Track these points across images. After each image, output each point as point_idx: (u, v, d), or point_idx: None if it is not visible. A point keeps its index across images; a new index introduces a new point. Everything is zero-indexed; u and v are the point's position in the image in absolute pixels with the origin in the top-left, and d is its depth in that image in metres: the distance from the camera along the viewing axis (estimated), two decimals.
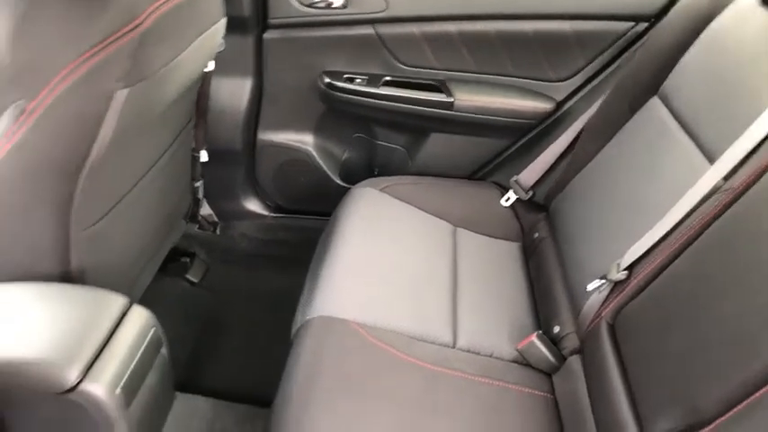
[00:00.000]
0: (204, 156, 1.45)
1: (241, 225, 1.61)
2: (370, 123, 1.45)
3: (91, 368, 0.78)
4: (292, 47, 1.34)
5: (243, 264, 1.63)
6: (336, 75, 1.34)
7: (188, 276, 1.54)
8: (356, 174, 1.50)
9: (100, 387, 0.77)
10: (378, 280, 1.09)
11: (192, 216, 1.51)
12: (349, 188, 1.31)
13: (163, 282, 1.52)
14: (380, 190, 1.30)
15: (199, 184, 1.50)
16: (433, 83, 1.33)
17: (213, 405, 1.25)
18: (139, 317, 0.88)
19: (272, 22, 1.32)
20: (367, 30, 1.28)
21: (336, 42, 1.32)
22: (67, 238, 0.89)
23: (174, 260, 1.55)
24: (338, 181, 1.50)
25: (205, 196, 1.54)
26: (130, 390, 0.84)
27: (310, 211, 1.56)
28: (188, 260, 1.57)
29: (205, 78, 1.18)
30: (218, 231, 1.60)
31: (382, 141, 1.48)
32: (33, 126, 0.78)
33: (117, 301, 0.87)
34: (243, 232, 1.62)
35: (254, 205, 1.59)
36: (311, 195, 1.54)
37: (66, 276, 0.93)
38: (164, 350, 0.94)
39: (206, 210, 1.56)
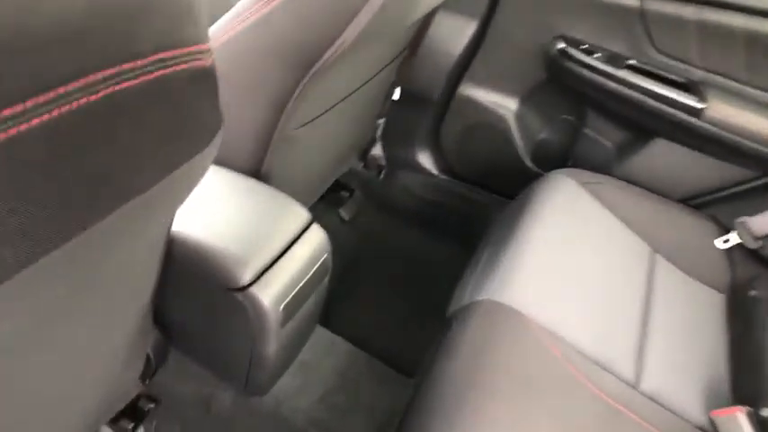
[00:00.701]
0: (396, 93, 1.36)
1: (407, 177, 1.52)
2: (585, 107, 1.28)
3: (264, 274, 0.72)
4: None
5: (398, 217, 1.55)
6: (573, 42, 1.17)
7: (340, 211, 1.49)
8: (547, 159, 1.34)
9: (268, 296, 0.71)
10: (564, 282, 0.95)
11: (363, 152, 1.45)
12: (538, 173, 1.16)
13: (315, 209, 1.48)
14: (581, 184, 1.14)
15: (380, 121, 1.42)
16: (681, 80, 1.12)
17: (348, 350, 1.19)
18: (317, 237, 0.82)
19: None
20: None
21: (585, 5, 1.15)
22: (270, 136, 0.84)
23: (333, 191, 1.50)
24: (528, 162, 1.35)
25: (381, 136, 1.46)
26: (290, 310, 0.77)
27: (487, 186, 1.43)
28: (347, 195, 1.51)
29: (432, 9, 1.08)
30: (381, 176, 1.52)
31: (590, 131, 1.30)
32: (283, 4, 0.71)
33: (301, 215, 0.81)
34: (407, 185, 1.53)
35: (427, 161, 1.48)
36: (494, 169, 1.40)
37: (255, 174, 0.88)
38: (326, 279, 0.87)
39: (377, 150, 1.49)
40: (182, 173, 0.36)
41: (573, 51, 1.17)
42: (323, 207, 1.49)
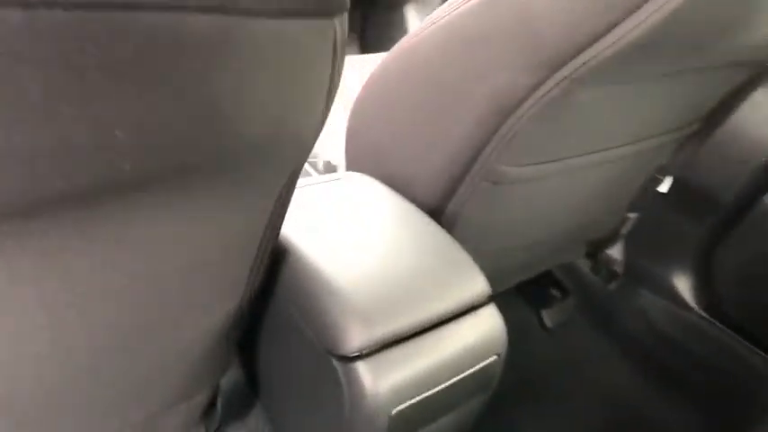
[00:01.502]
0: (666, 183, 1.00)
1: (647, 299, 1.11)
2: None
3: (387, 349, 0.46)
4: None
5: (618, 346, 1.14)
6: None
7: (543, 314, 1.15)
8: None
9: (377, 383, 0.44)
10: None
11: (595, 247, 1.10)
12: None
13: (508, 298, 1.17)
14: None
15: (632, 215, 1.07)
16: None
17: None
18: (489, 325, 0.53)
19: None
20: None
21: None
22: (470, 163, 0.59)
23: (540, 284, 1.17)
24: None
25: (627, 235, 1.10)
26: (412, 420, 0.49)
27: None
28: (557, 295, 1.16)
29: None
30: (611, 286, 1.15)
31: None
32: None
33: (476, 286, 0.53)
34: (644, 310, 1.12)
35: (685, 287, 1.06)
36: None
37: (435, 215, 0.64)
38: (487, 392, 0.57)
39: (615, 251, 1.12)
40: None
41: None
42: (520, 301, 1.17)
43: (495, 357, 0.54)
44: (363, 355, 0.47)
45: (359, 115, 0.70)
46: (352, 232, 0.55)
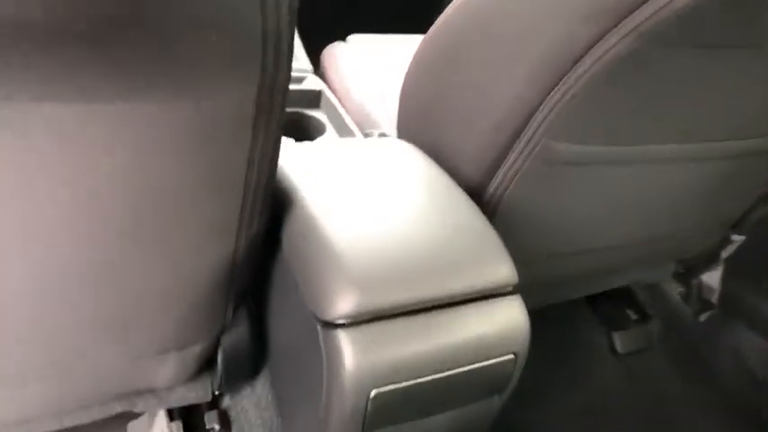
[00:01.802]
0: None
1: (746, 338, 0.95)
2: None
3: (377, 322, 0.40)
4: None
5: (704, 389, 0.98)
6: None
7: (614, 336, 1.02)
8: None
9: (357, 354, 0.39)
10: None
11: (687, 271, 0.95)
12: None
13: (575, 313, 1.05)
14: None
15: (738, 237, 0.91)
16: None
17: None
18: (508, 317, 0.46)
19: None
20: None
21: None
22: (516, 133, 0.51)
23: (615, 302, 1.04)
24: None
25: (729, 260, 0.94)
26: (393, 409, 0.43)
27: None
28: (635, 318, 1.03)
29: None
30: (701, 317, 0.99)
31: None
32: None
33: (500, 270, 0.46)
34: (740, 350, 0.96)
35: None
36: None
37: (476, 195, 0.57)
38: (498, 398, 0.49)
39: (712, 278, 0.97)
40: None
41: None
42: (591, 317, 1.05)
43: (510, 356, 0.46)
44: (348, 323, 0.41)
45: (411, 77, 0.65)
46: (369, 195, 0.50)
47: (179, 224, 0.40)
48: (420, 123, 0.64)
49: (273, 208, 0.52)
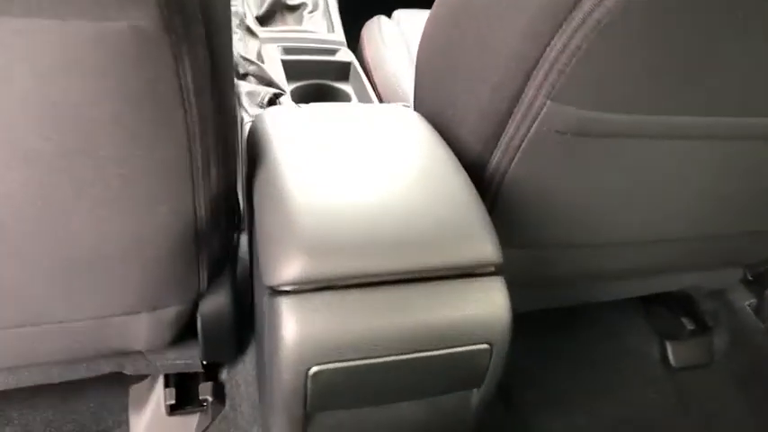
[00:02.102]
0: None
1: None
2: None
3: (326, 291, 0.36)
4: None
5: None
6: None
7: (667, 345, 0.91)
8: None
9: (298, 323, 0.35)
10: None
11: (760, 274, 0.83)
12: None
13: (624, 313, 0.94)
14: None
15: None
16: None
17: None
18: (483, 304, 0.40)
19: None
20: None
21: None
22: (515, 97, 0.45)
23: (669, 306, 0.93)
24: None
25: None
26: (339, 390, 0.39)
27: None
28: (691, 326, 0.91)
29: None
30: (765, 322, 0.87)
31: None
32: None
33: (479, 249, 0.41)
34: None
35: None
36: None
37: (476, 171, 0.51)
38: (472, 393, 0.44)
39: None
40: None
41: None
42: (642, 323, 0.94)
43: (484, 346, 0.40)
44: (292, 290, 0.37)
45: (424, 42, 0.59)
46: (350, 161, 0.46)
47: (118, 163, 0.38)
48: (431, 94, 0.59)
49: (250, 170, 0.50)
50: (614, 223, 0.56)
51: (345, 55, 0.87)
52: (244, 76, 0.66)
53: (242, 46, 0.65)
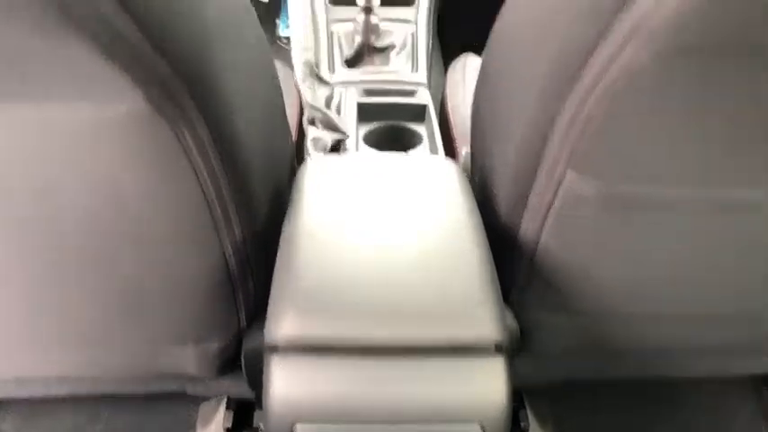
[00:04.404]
0: None
1: None
2: None
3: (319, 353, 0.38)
4: None
5: None
6: None
7: None
8: None
9: (284, 382, 0.37)
10: None
11: None
12: None
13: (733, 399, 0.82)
14: None
15: None
16: None
17: None
18: (477, 381, 0.39)
19: None
20: None
21: None
22: (533, 174, 0.43)
23: None
24: None
25: None
26: None
27: None
28: None
29: None
30: None
31: None
32: None
33: (479, 326, 0.39)
34: None
35: None
36: None
37: (507, 229, 0.49)
38: None
39: None
40: None
41: None
42: (754, 410, 0.81)
43: (474, 425, 0.38)
44: (283, 348, 0.39)
45: (477, 90, 0.58)
46: (366, 218, 0.46)
47: (145, 234, 0.42)
48: (478, 144, 0.58)
49: (286, 219, 0.52)
50: (663, 294, 0.50)
51: (423, 96, 0.87)
52: (311, 122, 0.70)
53: (310, 94, 0.69)
